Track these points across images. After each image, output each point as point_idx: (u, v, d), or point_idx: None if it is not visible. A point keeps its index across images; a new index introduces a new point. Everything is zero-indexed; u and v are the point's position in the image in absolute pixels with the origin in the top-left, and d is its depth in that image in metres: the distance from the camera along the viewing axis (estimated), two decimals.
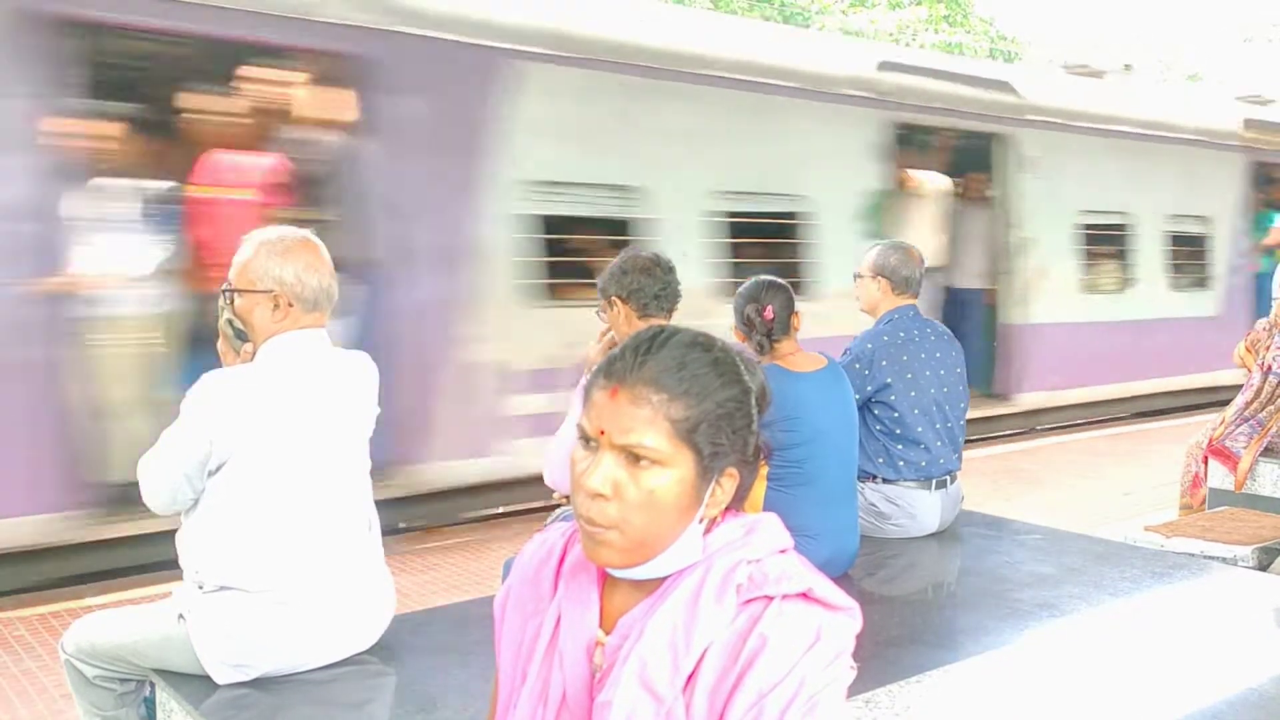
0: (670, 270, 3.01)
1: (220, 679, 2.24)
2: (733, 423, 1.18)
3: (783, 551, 1.21)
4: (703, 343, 1.21)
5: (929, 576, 3.29)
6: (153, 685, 2.40)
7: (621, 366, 1.18)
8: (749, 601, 1.15)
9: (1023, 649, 2.62)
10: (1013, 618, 2.85)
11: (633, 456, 1.14)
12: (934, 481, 3.50)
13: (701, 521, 1.19)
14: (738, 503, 1.26)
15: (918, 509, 3.48)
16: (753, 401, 1.22)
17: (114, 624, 2.36)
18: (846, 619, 1.17)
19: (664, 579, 1.20)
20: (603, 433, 1.15)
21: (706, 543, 1.20)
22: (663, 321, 2.87)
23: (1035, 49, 33.60)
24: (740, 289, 3.15)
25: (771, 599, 1.15)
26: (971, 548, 3.54)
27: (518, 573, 1.35)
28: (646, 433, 1.14)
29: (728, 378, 1.19)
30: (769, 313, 3.01)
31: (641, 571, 1.19)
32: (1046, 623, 2.77)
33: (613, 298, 2.96)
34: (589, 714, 1.19)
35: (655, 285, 2.93)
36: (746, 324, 3.04)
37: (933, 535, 3.54)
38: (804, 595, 1.15)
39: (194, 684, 2.26)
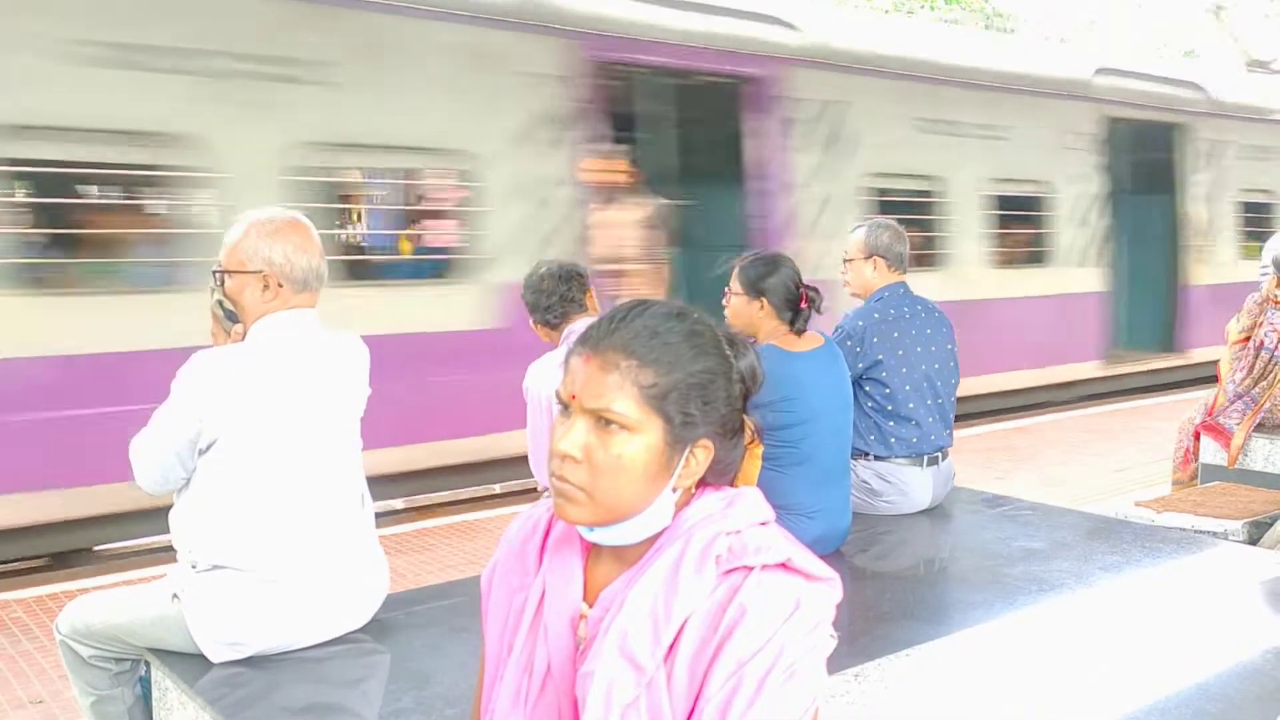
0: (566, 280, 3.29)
1: (215, 657, 2.25)
2: (705, 394, 1.19)
3: (763, 524, 1.22)
4: (679, 314, 1.22)
5: (920, 552, 3.31)
6: (148, 664, 2.42)
7: (596, 333, 1.20)
8: (729, 572, 1.16)
9: (1013, 623, 2.64)
10: (1003, 593, 2.86)
11: (603, 421, 1.16)
12: (925, 458, 3.51)
13: (675, 491, 1.20)
14: (727, 479, 1.27)
15: (909, 486, 3.50)
16: (733, 376, 1.23)
17: (108, 604, 2.38)
18: (826, 589, 1.18)
19: (645, 550, 1.21)
20: (574, 397, 1.17)
21: (687, 515, 1.21)
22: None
23: (1030, 26, 33.48)
24: (767, 260, 3.08)
25: (751, 570, 1.16)
26: (963, 524, 3.56)
27: (504, 547, 1.37)
28: (615, 398, 1.15)
29: (702, 349, 1.20)
30: (805, 301, 3.01)
31: (613, 534, 1.20)
32: (1037, 597, 2.79)
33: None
34: (573, 685, 1.21)
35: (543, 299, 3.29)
36: (786, 303, 3.01)
37: (924, 512, 3.55)
38: (783, 566, 1.16)
39: (189, 663, 2.27)
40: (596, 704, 1.13)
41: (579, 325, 3.15)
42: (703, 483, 1.24)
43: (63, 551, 5.28)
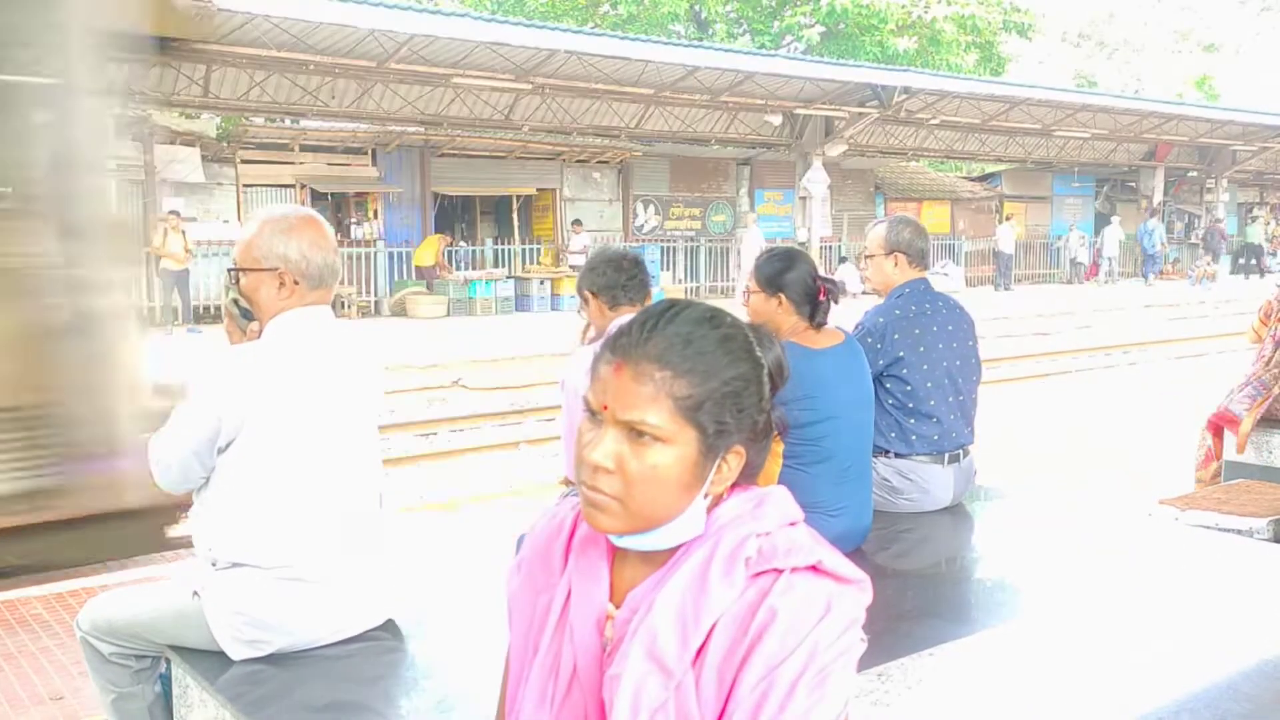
0: (638, 263, 3.20)
1: (235, 655, 2.25)
2: (739, 401, 1.17)
3: (792, 524, 1.20)
4: (712, 318, 1.19)
5: (942, 550, 3.28)
6: (168, 661, 2.42)
7: (627, 342, 1.17)
8: (758, 575, 1.15)
9: (1035, 622, 2.62)
10: (1025, 591, 2.84)
11: (635, 432, 1.14)
12: (946, 455, 3.48)
13: (707, 497, 1.18)
14: (751, 478, 1.25)
15: (930, 483, 3.46)
16: (764, 378, 1.21)
17: (129, 601, 2.38)
18: (857, 591, 1.16)
19: (673, 552, 1.19)
20: (606, 407, 1.15)
21: (715, 516, 1.19)
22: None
23: (1048, 21, 33.23)
24: (782, 256, 3.05)
25: (781, 572, 1.14)
26: (984, 521, 3.53)
27: (529, 547, 1.35)
28: (649, 410, 1.13)
29: (736, 355, 1.18)
30: (823, 294, 2.99)
31: (644, 541, 1.18)
32: (1059, 596, 2.76)
33: (585, 292, 3.16)
34: (599, 687, 1.19)
35: (622, 277, 3.13)
36: (805, 297, 2.98)
37: (946, 509, 3.52)
38: (814, 568, 1.15)
39: (209, 660, 2.27)
40: (624, 707, 1.12)
41: (625, 318, 3.13)
42: (733, 484, 1.22)
43: None
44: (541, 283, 18.10)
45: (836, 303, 3.05)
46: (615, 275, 3.13)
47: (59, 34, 4.08)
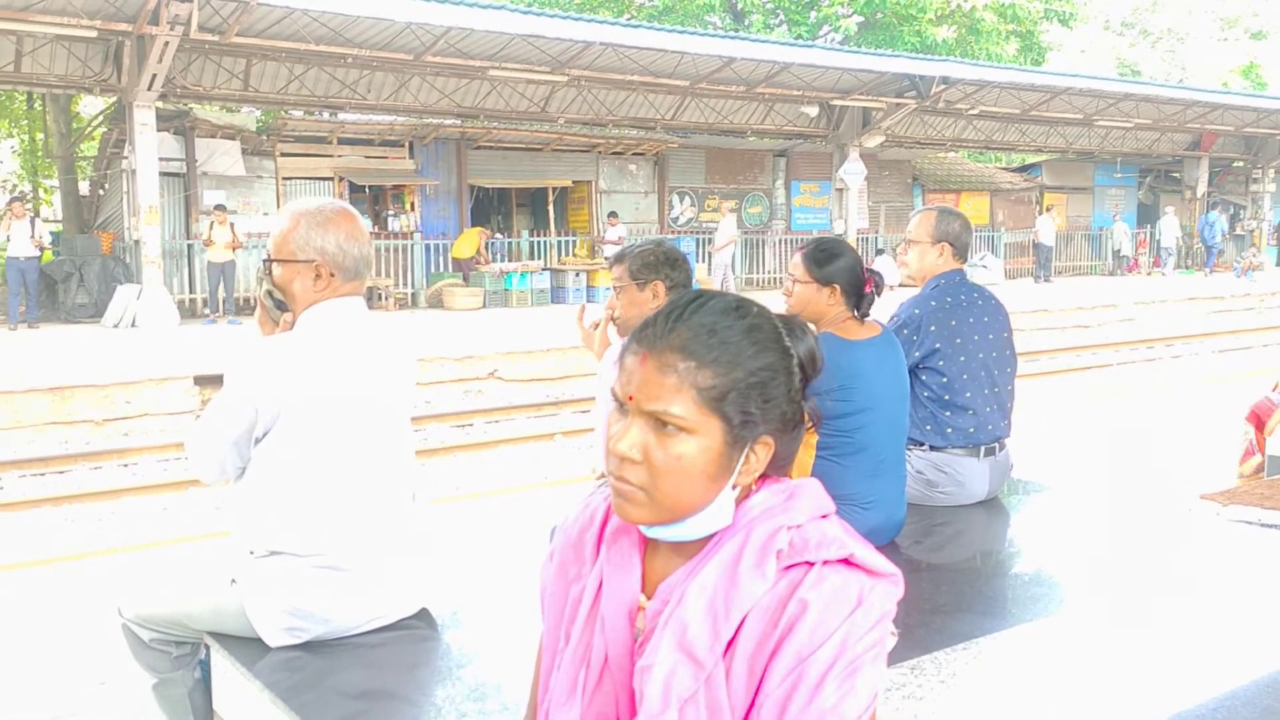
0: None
1: (272, 641, 2.28)
2: (765, 392, 1.16)
3: (824, 517, 1.20)
4: (738, 308, 1.19)
5: (977, 544, 3.25)
6: (208, 648, 2.45)
7: (652, 332, 1.17)
8: (790, 567, 1.15)
9: (1071, 617, 2.59)
10: (1062, 586, 2.82)
11: (660, 423, 1.14)
12: (982, 448, 3.45)
13: (735, 488, 1.18)
14: (783, 470, 1.24)
15: (966, 476, 3.44)
16: (794, 368, 1.20)
17: (169, 589, 2.41)
18: (889, 585, 1.16)
19: (704, 544, 1.20)
20: (632, 398, 1.15)
21: (746, 508, 1.19)
22: None
23: (1091, 9, 32.74)
24: (832, 246, 3.04)
25: (812, 564, 1.14)
26: (1021, 515, 3.50)
27: (561, 537, 1.36)
28: (673, 400, 1.13)
29: (762, 345, 1.17)
30: (870, 285, 2.98)
31: (673, 532, 1.18)
32: (1096, 591, 2.74)
33: (655, 282, 3.08)
34: (630, 678, 1.20)
35: (683, 276, 3.12)
36: (854, 288, 2.97)
37: (981, 503, 3.50)
38: (845, 561, 1.14)
39: (247, 646, 2.30)
40: (655, 697, 1.12)
41: None
42: (763, 475, 1.22)
43: None
44: (577, 275, 18.13)
45: (880, 295, 3.04)
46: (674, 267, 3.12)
47: None
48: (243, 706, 2.28)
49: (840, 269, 2.96)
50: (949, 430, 3.43)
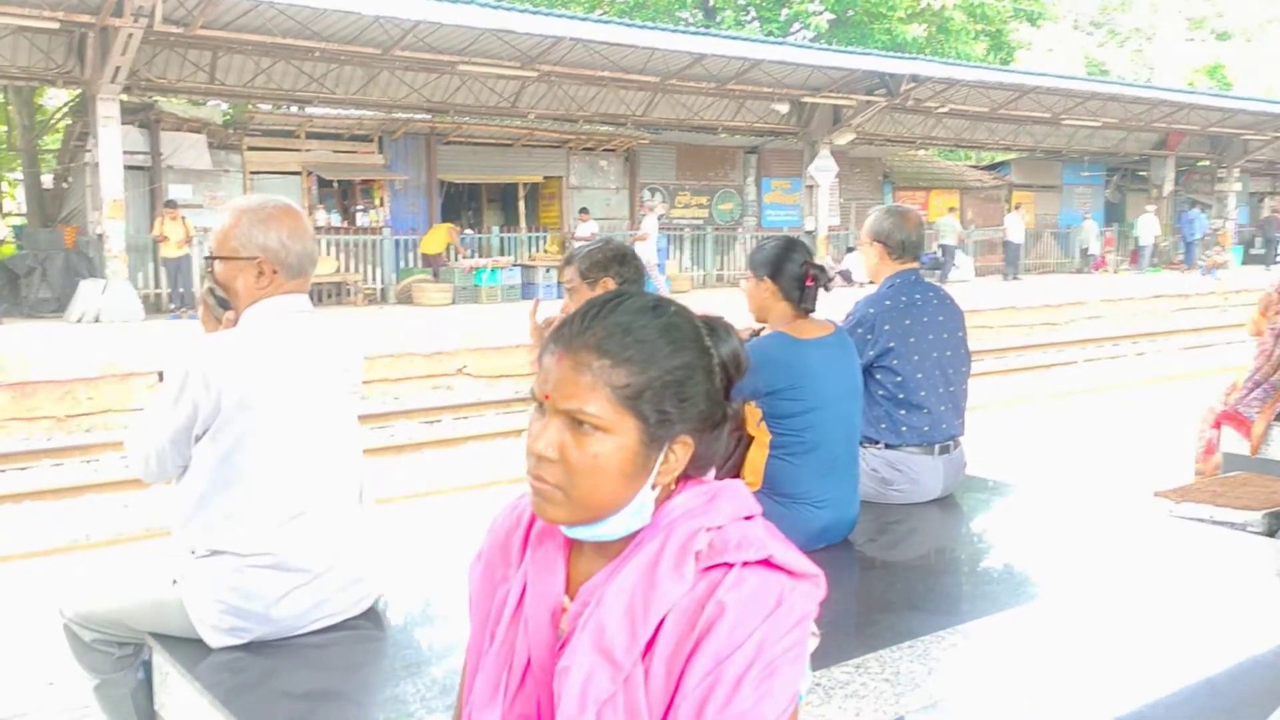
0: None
1: (213, 642, 2.25)
2: (682, 391, 1.16)
3: (748, 518, 1.20)
4: (654, 307, 1.19)
5: (930, 542, 3.27)
6: (150, 649, 2.42)
7: (569, 331, 1.17)
8: (709, 569, 1.14)
9: (1023, 614, 2.60)
10: (1013, 583, 2.83)
11: (576, 421, 1.13)
12: (937, 446, 3.47)
13: (655, 488, 1.17)
14: (705, 470, 1.24)
15: (920, 474, 3.46)
16: (715, 368, 1.20)
17: (110, 589, 2.38)
18: (809, 586, 1.16)
19: (625, 545, 1.19)
20: (549, 397, 1.15)
21: (668, 509, 1.19)
22: None
23: (1059, 8, 33.00)
24: (777, 244, 3.04)
25: (731, 566, 1.14)
26: (974, 513, 3.52)
27: (489, 537, 1.35)
28: (588, 399, 1.13)
29: (679, 344, 1.17)
30: (810, 280, 2.99)
31: (592, 532, 1.18)
32: (1049, 588, 2.75)
33: (605, 279, 3.10)
34: (552, 680, 1.19)
35: (633, 272, 3.12)
36: (794, 282, 2.98)
37: (935, 500, 3.51)
38: (765, 562, 1.14)
39: (189, 647, 2.27)
40: (571, 700, 1.12)
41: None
42: (686, 476, 1.22)
43: None
44: (547, 271, 18.07)
45: (827, 289, 3.05)
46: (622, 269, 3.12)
47: None
48: (183, 708, 2.25)
49: (772, 261, 2.98)
50: (904, 429, 3.45)
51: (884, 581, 2.82)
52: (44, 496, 7.37)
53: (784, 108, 20.19)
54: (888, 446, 3.46)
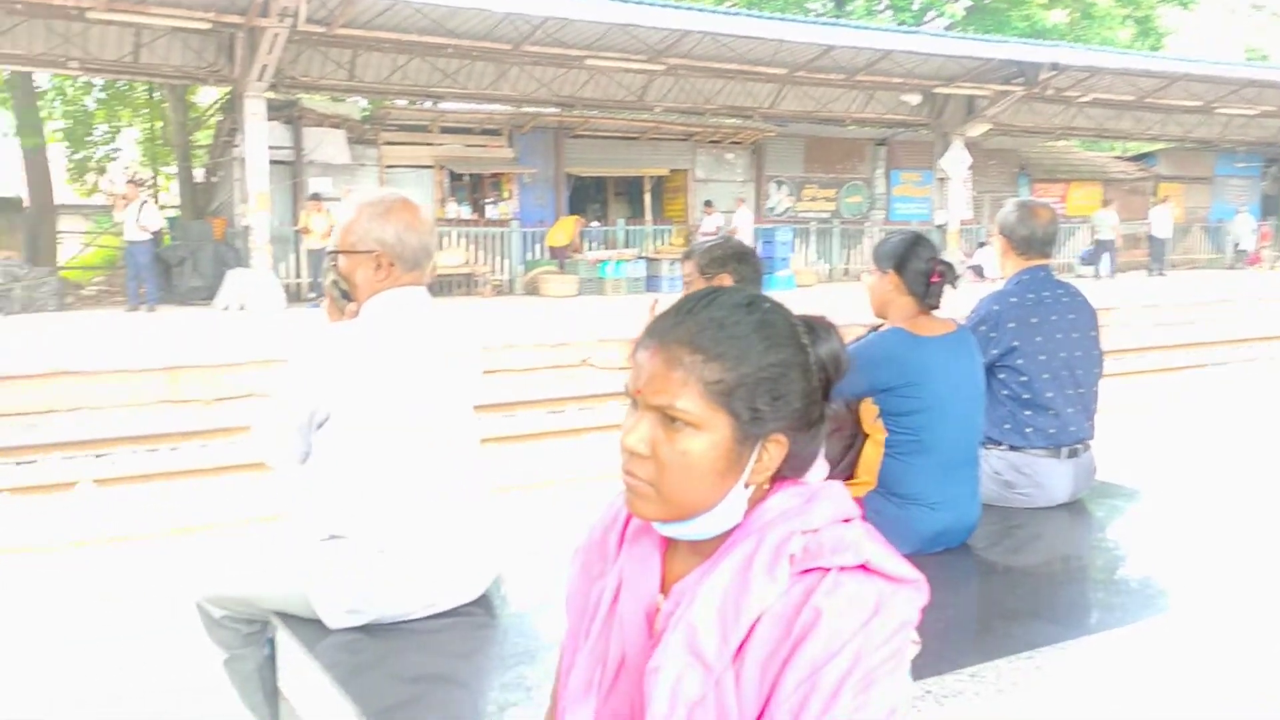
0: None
1: (332, 624, 2.33)
2: (775, 388, 1.14)
3: (846, 521, 1.17)
4: (750, 304, 1.17)
5: (1055, 549, 3.15)
6: (275, 627, 2.52)
7: (663, 326, 1.16)
8: (805, 572, 1.12)
9: (1152, 627, 2.48)
10: (1143, 593, 2.71)
11: (668, 417, 1.12)
12: (1064, 450, 3.34)
13: (748, 487, 1.16)
14: (800, 471, 1.22)
15: (1046, 478, 3.33)
16: (811, 367, 1.17)
17: (238, 571, 2.49)
18: (910, 592, 1.12)
19: (720, 545, 1.18)
20: (640, 392, 1.14)
21: (763, 510, 1.17)
22: None
23: None
24: (903, 238, 2.97)
25: (828, 570, 1.11)
26: (1103, 519, 3.38)
27: (587, 534, 1.36)
28: (679, 394, 1.12)
29: (774, 340, 1.15)
30: (936, 276, 2.92)
31: (683, 530, 1.17)
32: (1182, 600, 2.62)
33: (722, 276, 3.10)
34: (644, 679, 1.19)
35: (751, 271, 3.13)
36: (919, 277, 2.90)
37: (1062, 506, 3.38)
38: (862, 567, 1.12)
39: (310, 627, 2.36)
40: (662, 700, 1.11)
41: None
42: (782, 477, 1.20)
43: None
44: (672, 264, 18.10)
45: (954, 286, 2.97)
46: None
47: None
48: (304, 685, 2.34)
49: (898, 254, 2.90)
50: (1028, 430, 3.33)
51: (1003, 588, 2.73)
52: (190, 476, 7.75)
53: (915, 99, 19.74)
54: (1011, 448, 3.35)
